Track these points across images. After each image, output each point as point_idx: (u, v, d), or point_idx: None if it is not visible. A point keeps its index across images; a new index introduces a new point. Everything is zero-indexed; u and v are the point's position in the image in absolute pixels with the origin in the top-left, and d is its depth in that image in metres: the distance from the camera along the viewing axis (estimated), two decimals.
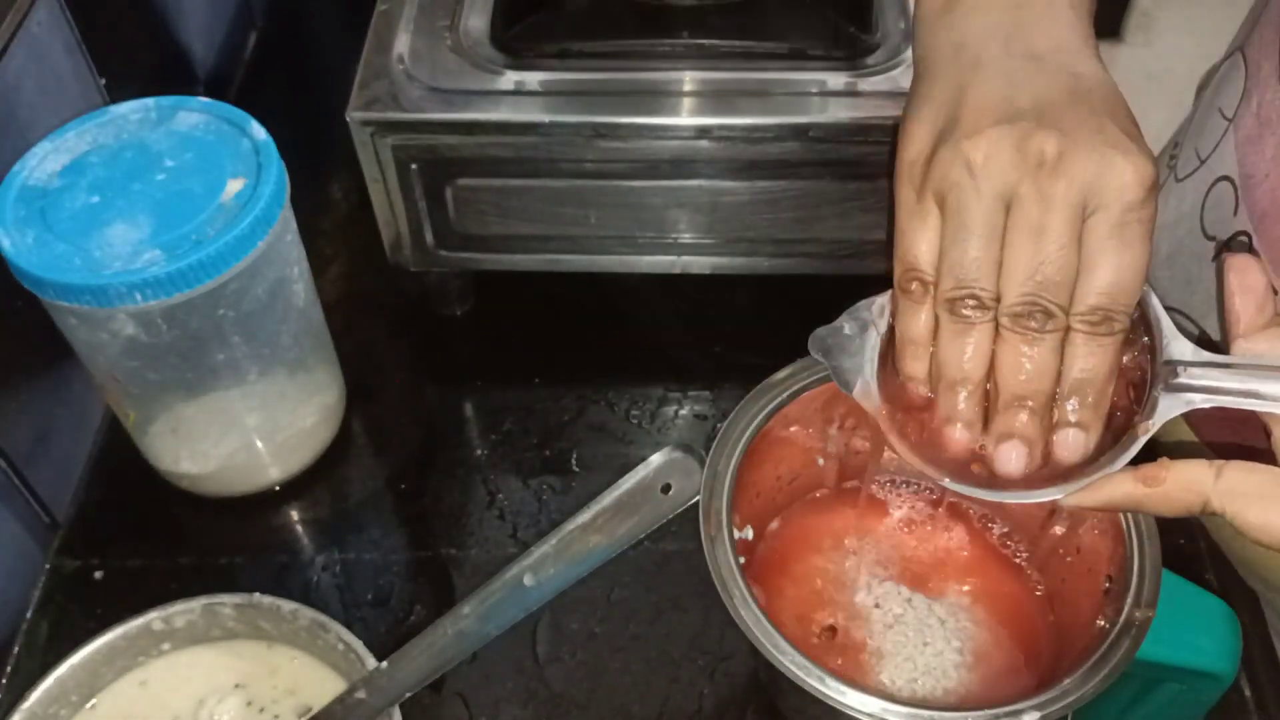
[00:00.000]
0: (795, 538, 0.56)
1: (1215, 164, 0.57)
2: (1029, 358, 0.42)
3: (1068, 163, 0.41)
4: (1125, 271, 0.42)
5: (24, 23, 0.60)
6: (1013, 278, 0.42)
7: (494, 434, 0.70)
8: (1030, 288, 0.42)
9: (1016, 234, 0.42)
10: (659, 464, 0.44)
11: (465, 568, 0.64)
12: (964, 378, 0.43)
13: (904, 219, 0.45)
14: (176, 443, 0.63)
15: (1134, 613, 0.46)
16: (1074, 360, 0.43)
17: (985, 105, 0.44)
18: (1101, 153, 0.41)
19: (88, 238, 0.53)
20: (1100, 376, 0.43)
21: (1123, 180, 0.41)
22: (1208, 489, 0.41)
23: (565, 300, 0.75)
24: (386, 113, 0.63)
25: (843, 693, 0.44)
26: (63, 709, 0.53)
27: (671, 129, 0.63)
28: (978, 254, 0.42)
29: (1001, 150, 0.42)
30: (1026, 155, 0.42)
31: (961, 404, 0.44)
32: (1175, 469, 0.42)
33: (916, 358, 0.45)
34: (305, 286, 0.62)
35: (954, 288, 0.43)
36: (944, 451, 0.45)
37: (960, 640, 0.53)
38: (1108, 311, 0.42)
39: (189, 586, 0.59)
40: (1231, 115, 0.56)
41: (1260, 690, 0.58)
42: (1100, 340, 0.42)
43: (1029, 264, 0.41)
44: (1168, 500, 0.42)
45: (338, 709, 0.50)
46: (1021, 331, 0.42)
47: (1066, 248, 0.41)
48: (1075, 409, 0.43)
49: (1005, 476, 0.44)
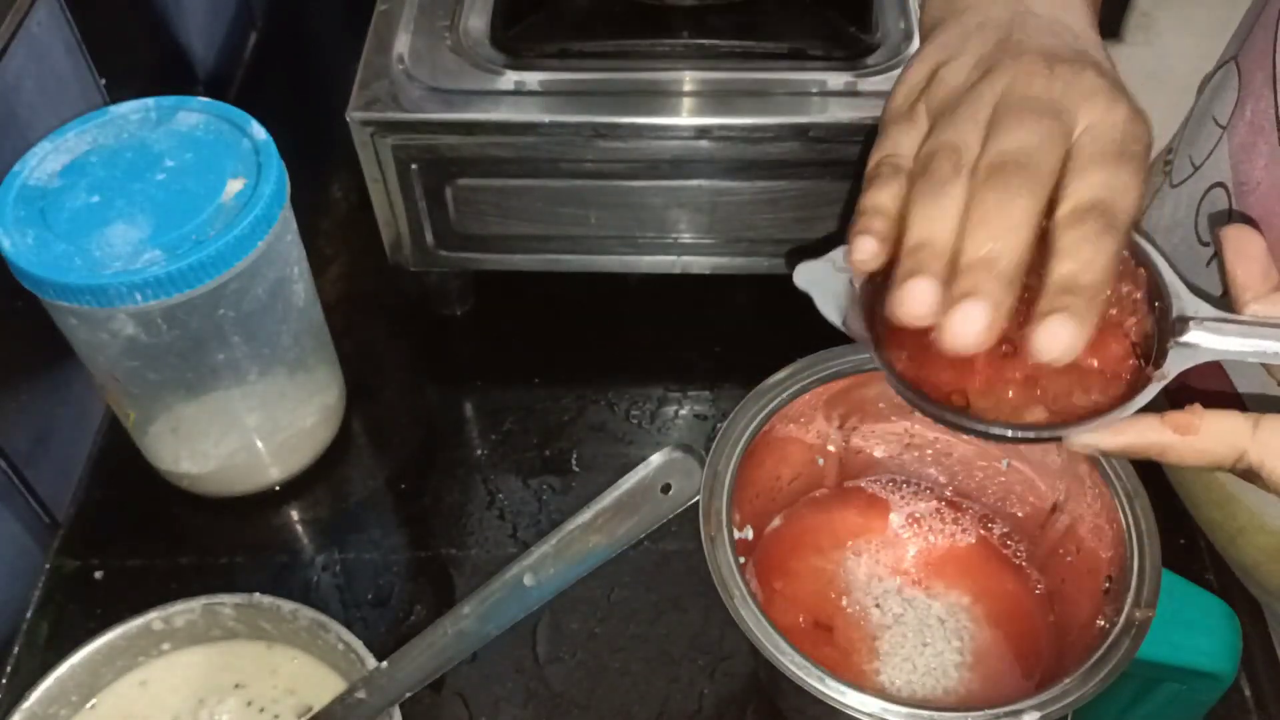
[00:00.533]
0: (795, 537, 0.56)
1: (1209, 171, 0.57)
2: (1003, 215, 0.37)
3: (1063, 68, 0.40)
4: (1126, 188, 0.38)
5: (24, 23, 0.60)
6: (998, 139, 0.38)
7: (494, 434, 0.70)
8: (1016, 146, 0.38)
9: (1005, 109, 0.39)
10: (659, 464, 0.44)
11: (465, 568, 0.64)
12: (930, 238, 0.38)
13: (889, 120, 0.42)
14: (176, 443, 0.63)
15: (1134, 613, 0.46)
16: (1064, 255, 0.37)
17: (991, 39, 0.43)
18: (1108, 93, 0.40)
19: (88, 238, 0.53)
20: (1097, 270, 0.37)
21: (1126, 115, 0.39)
22: (1245, 441, 0.38)
23: (565, 300, 0.75)
24: (386, 113, 0.63)
25: (843, 693, 0.44)
26: (63, 709, 0.53)
27: (671, 129, 0.63)
28: (964, 125, 0.39)
29: (1002, 61, 0.41)
30: (1026, 64, 0.41)
31: (924, 259, 0.38)
32: (1210, 418, 0.38)
33: (877, 214, 0.40)
34: (305, 286, 0.62)
35: (931, 148, 0.39)
36: (900, 318, 0.38)
37: (960, 640, 0.53)
38: (1109, 207, 0.37)
39: (189, 586, 0.59)
40: (1225, 123, 0.56)
41: (1260, 690, 0.58)
42: (1099, 235, 0.37)
43: (1017, 130, 0.38)
44: (1198, 451, 0.39)
45: (338, 709, 0.50)
46: (999, 185, 0.37)
47: (1055, 132, 0.38)
48: (1061, 297, 0.36)
49: (962, 346, 0.37)
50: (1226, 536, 0.61)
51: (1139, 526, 0.48)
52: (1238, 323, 0.41)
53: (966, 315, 0.36)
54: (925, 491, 0.57)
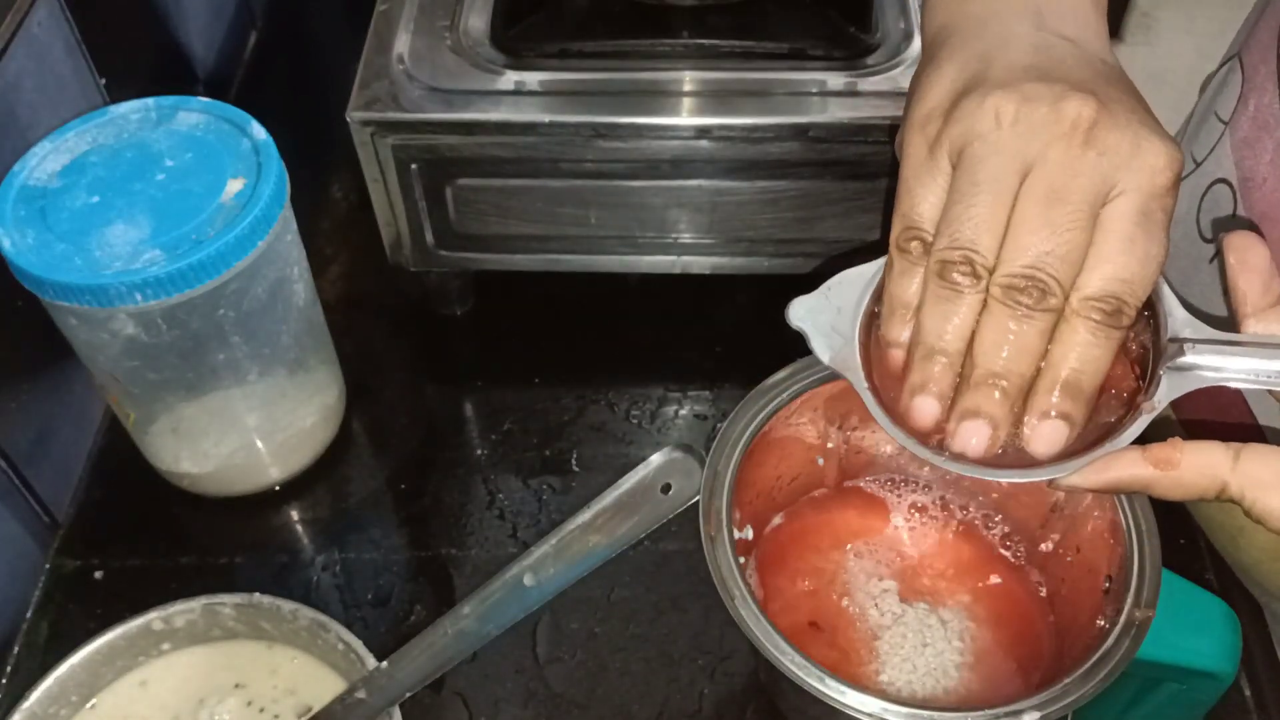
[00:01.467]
0: (795, 537, 0.56)
1: (1211, 167, 0.57)
2: (1015, 334, 0.38)
3: (1102, 132, 0.38)
4: (1148, 262, 0.38)
5: (24, 23, 0.60)
6: (1016, 245, 0.38)
7: (494, 434, 0.70)
8: (1033, 259, 0.38)
9: (1030, 200, 0.38)
10: (659, 464, 0.44)
11: (465, 568, 0.64)
12: (941, 348, 0.40)
13: (910, 173, 0.41)
14: (177, 442, 0.63)
15: (1134, 613, 0.46)
16: (1070, 349, 0.39)
17: (1018, 65, 0.41)
18: (1136, 130, 0.39)
19: (88, 238, 0.53)
20: (1097, 370, 0.39)
21: (1155, 162, 0.38)
22: (1225, 473, 0.38)
23: (565, 300, 0.75)
24: (386, 113, 0.63)
25: (843, 693, 0.44)
26: (63, 709, 0.53)
27: (671, 129, 0.63)
28: (983, 213, 0.38)
29: (1035, 107, 0.38)
30: (1061, 116, 0.38)
31: (935, 373, 0.40)
32: (1190, 451, 0.39)
33: (903, 322, 0.41)
34: (305, 286, 0.62)
35: (948, 247, 0.39)
36: (908, 424, 0.41)
37: (960, 640, 0.53)
38: (1121, 302, 0.38)
39: (189, 586, 0.59)
40: (1228, 119, 0.56)
41: (1260, 690, 0.58)
42: (1107, 331, 0.38)
43: (1038, 233, 0.38)
44: (1180, 484, 0.39)
45: (338, 709, 0.50)
46: (1012, 305, 0.38)
47: (1082, 225, 0.38)
48: (1059, 399, 0.39)
49: (961, 457, 0.40)
50: (1227, 536, 0.61)
51: (1139, 526, 0.48)
52: (1232, 345, 0.40)
53: (971, 433, 0.39)
54: (925, 491, 0.57)
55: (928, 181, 0.40)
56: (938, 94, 0.42)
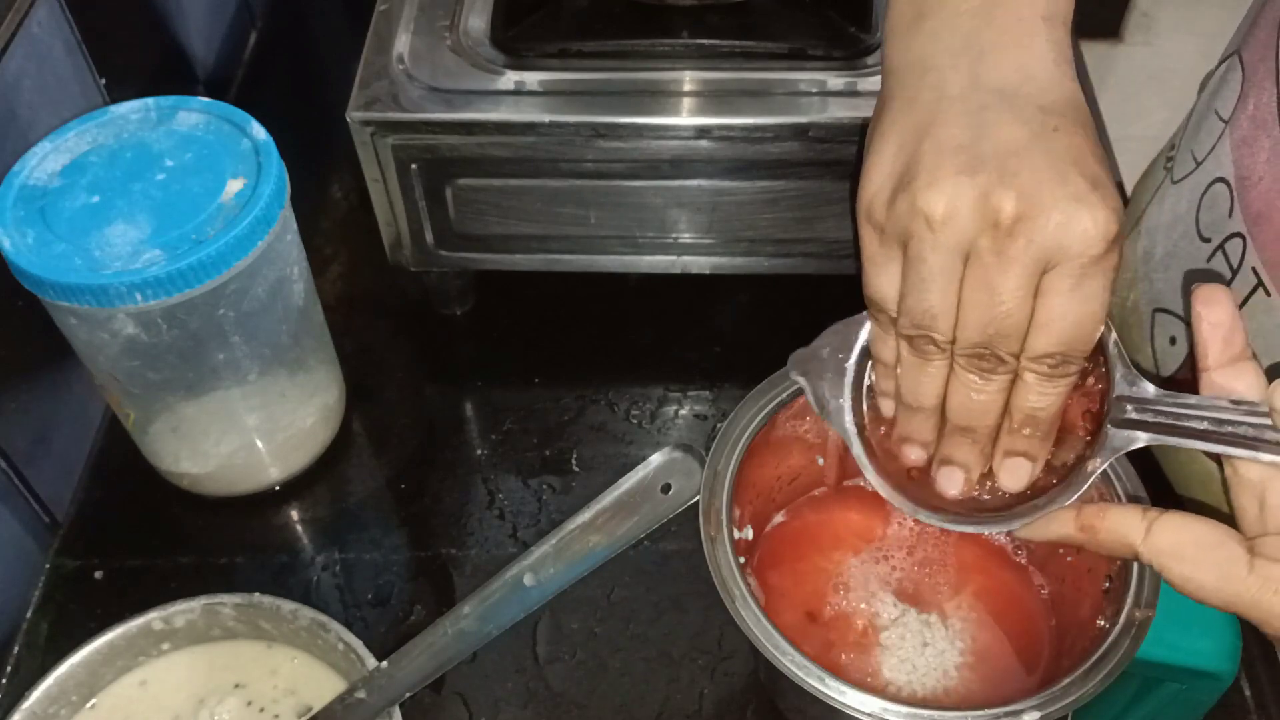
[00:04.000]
0: (795, 537, 0.56)
1: (1211, 166, 0.57)
2: (979, 392, 0.44)
3: (1026, 222, 0.41)
4: (1083, 323, 0.42)
5: (24, 23, 0.60)
6: (967, 326, 0.43)
7: (494, 434, 0.70)
8: (981, 338, 0.43)
9: (972, 288, 0.42)
10: (659, 464, 0.44)
11: (465, 568, 0.64)
12: (919, 405, 0.46)
13: (867, 260, 0.45)
14: (177, 442, 0.63)
15: (1134, 613, 0.46)
16: (1024, 397, 0.44)
17: (946, 150, 0.43)
18: (1063, 208, 0.41)
19: (88, 238, 0.53)
20: (1049, 413, 0.44)
21: (1085, 235, 0.41)
22: (1136, 543, 0.43)
23: (565, 300, 0.75)
24: (386, 113, 0.63)
25: (843, 693, 0.44)
26: (63, 709, 0.53)
27: (671, 129, 0.63)
28: (934, 302, 0.43)
29: (960, 206, 0.41)
30: (985, 212, 0.41)
31: (915, 426, 0.47)
32: (1110, 519, 0.43)
33: (886, 377, 0.47)
34: (305, 286, 0.62)
35: (911, 328, 0.44)
36: (899, 463, 0.48)
37: (961, 640, 0.53)
38: (1063, 357, 0.43)
39: (189, 586, 0.59)
40: (1228, 117, 0.56)
41: (1260, 690, 0.58)
42: (1054, 382, 0.43)
43: (982, 317, 0.42)
44: (1100, 546, 0.44)
45: (338, 709, 0.50)
46: (975, 372, 0.44)
47: (1020, 302, 0.42)
48: (1024, 438, 0.45)
49: (943, 497, 0.47)
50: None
51: None
52: (1176, 408, 0.43)
53: (948, 481, 0.47)
54: None
55: (882, 264, 0.45)
56: (877, 182, 0.45)
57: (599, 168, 0.65)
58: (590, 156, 0.64)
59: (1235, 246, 0.53)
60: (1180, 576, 0.42)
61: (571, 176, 0.65)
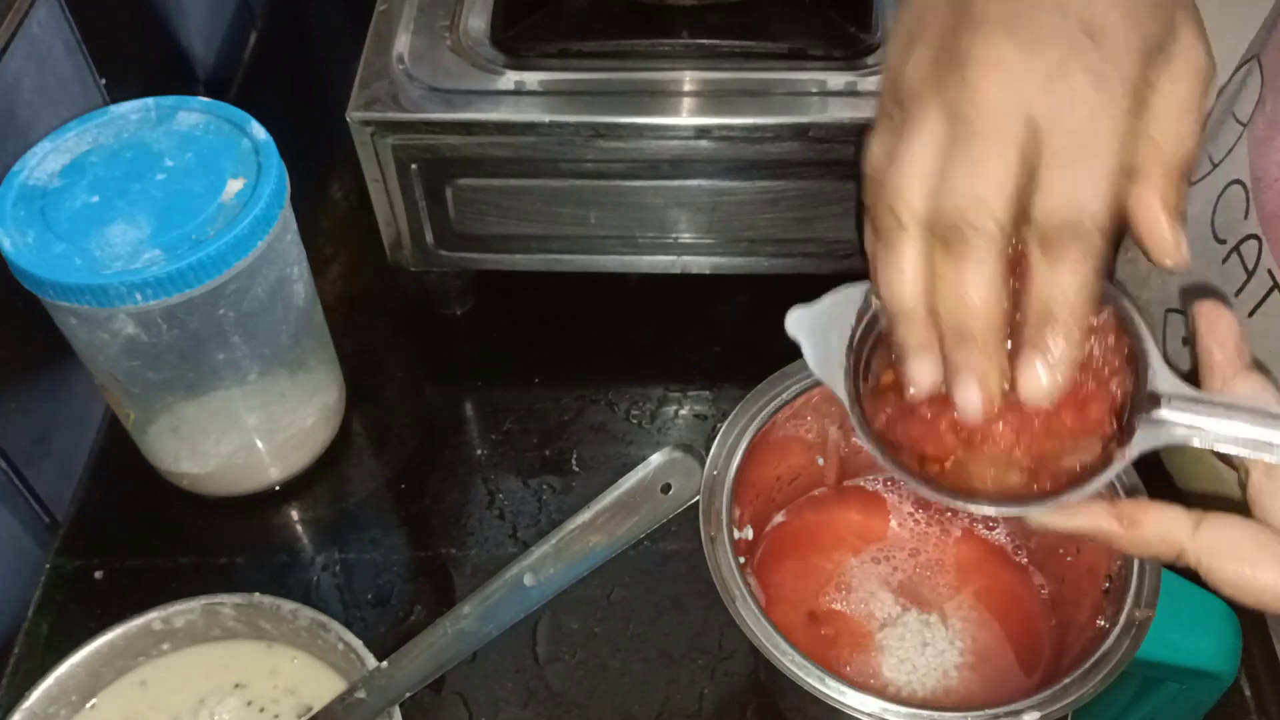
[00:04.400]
0: (795, 537, 0.56)
1: (1228, 168, 0.57)
2: (966, 287, 0.36)
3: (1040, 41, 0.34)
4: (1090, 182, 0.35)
5: (24, 23, 0.60)
6: (947, 192, 0.35)
7: (494, 434, 0.70)
8: (964, 197, 0.35)
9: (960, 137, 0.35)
10: (659, 464, 0.44)
11: (465, 568, 0.64)
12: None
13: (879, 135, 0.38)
14: (177, 442, 0.63)
15: (1134, 613, 0.46)
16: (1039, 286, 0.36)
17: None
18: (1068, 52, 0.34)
19: (88, 238, 0.53)
20: (1074, 304, 0.36)
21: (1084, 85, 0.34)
22: (1184, 541, 0.39)
23: (565, 300, 0.75)
24: (386, 113, 0.63)
25: (842, 693, 0.44)
26: (63, 709, 0.53)
27: (671, 129, 0.63)
28: (906, 177, 0.36)
29: (976, 41, 0.35)
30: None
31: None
32: (1154, 514, 0.39)
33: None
34: (305, 286, 0.62)
35: (876, 202, 0.37)
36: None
37: (960, 640, 0.53)
38: (1074, 225, 0.35)
39: (189, 586, 0.59)
40: (1246, 120, 0.56)
41: (1260, 690, 0.58)
42: (1072, 263, 0.36)
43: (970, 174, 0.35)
44: (1140, 543, 0.40)
45: (338, 709, 0.50)
46: (958, 256, 0.36)
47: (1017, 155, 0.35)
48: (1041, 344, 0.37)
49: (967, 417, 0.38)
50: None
51: None
52: (1208, 405, 0.40)
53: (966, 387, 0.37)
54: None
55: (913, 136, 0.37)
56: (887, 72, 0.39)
57: (599, 168, 0.65)
58: (590, 156, 0.64)
59: (1250, 248, 0.53)
60: (1235, 575, 0.38)
61: (571, 176, 0.65)
